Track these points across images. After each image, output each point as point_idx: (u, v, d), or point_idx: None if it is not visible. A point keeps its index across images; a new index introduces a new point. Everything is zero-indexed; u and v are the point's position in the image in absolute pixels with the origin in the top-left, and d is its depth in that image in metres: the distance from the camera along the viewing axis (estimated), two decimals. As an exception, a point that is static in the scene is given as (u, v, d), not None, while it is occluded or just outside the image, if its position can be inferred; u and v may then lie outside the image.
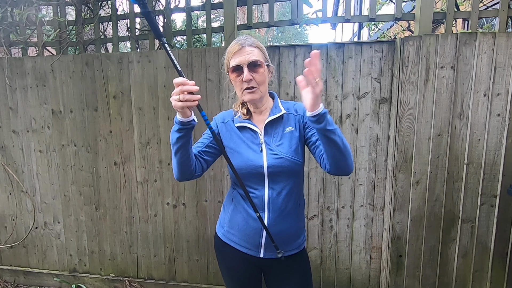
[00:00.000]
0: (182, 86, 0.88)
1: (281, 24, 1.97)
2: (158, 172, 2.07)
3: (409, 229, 1.80)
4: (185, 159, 1.03)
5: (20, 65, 2.11)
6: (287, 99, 1.86)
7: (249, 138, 1.12)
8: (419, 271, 1.84)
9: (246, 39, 1.07)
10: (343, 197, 1.91)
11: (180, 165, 1.04)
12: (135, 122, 2.04)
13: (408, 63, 1.67)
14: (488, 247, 1.76)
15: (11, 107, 2.17)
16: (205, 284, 2.15)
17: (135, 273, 2.24)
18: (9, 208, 2.31)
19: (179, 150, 1.01)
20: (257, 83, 1.06)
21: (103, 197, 2.17)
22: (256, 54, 1.05)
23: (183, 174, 1.07)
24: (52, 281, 2.34)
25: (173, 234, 2.13)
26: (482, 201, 1.73)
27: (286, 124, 1.12)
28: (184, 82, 0.88)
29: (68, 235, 2.28)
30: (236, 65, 1.05)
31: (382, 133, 1.82)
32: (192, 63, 1.92)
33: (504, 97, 1.63)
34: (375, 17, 1.79)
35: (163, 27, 2.09)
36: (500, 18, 1.66)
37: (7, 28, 2.12)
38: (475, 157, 1.70)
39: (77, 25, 2.09)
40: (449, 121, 1.69)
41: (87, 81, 2.05)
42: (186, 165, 1.05)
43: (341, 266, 1.99)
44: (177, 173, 1.07)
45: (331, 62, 1.80)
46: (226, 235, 1.19)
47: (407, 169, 1.75)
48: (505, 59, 1.61)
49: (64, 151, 2.16)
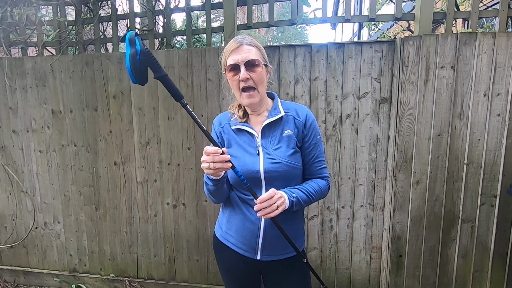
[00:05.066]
0: (214, 156, 0.91)
1: (281, 24, 1.97)
2: (158, 172, 2.07)
3: (409, 229, 1.80)
4: (223, 191, 1.10)
5: (20, 65, 2.11)
6: (287, 99, 1.86)
7: (245, 141, 1.10)
8: (419, 271, 1.84)
9: (244, 38, 1.05)
10: (343, 197, 1.90)
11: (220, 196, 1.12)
12: (135, 122, 2.04)
13: (408, 63, 1.67)
14: (488, 247, 1.76)
15: (11, 107, 2.17)
16: (205, 284, 2.15)
17: (135, 273, 2.24)
18: (9, 208, 2.31)
19: (218, 190, 1.08)
20: (255, 83, 1.03)
21: (103, 197, 2.17)
22: (254, 53, 1.03)
23: (222, 200, 1.16)
24: (52, 281, 2.34)
25: (173, 234, 2.13)
26: (482, 201, 1.73)
27: (285, 126, 1.09)
28: (215, 152, 0.91)
29: (68, 235, 2.28)
30: (233, 63, 1.03)
31: (382, 133, 1.82)
32: (192, 63, 1.92)
33: (504, 97, 1.63)
34: (375, 17, 1.79)
35: (163, 27, 2.09)
36: (500, 18, 1.66)
37: (7, 28, 2.12)
38: (475, 157, 1.70)
39: (77, 25, 2.09)
40: (449, 121, 1.69)
41: (87, 81, 2.05)
42: (224, 195, 1.13)
43: (341, 266, 1.99)
44: (216, 202, 1.16)
45: (331, 62, 1.80)
46: (224, 236, 1.18)
47: (407, 169, 1.75)
48: (505, 59, 1.61)
49: (64, 151, 2.16)
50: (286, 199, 1.00)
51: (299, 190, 1.06)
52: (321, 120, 1.84)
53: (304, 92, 1.84)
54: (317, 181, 1.12)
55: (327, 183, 1.15)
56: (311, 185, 1.09)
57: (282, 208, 0.97)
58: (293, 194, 1.03)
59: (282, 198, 0.98)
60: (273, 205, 0.95)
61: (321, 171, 1.14)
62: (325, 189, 1.13)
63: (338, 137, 1.85)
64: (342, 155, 1.86)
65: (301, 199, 1.04)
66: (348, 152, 1.86)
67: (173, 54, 1.93)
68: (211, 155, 0.91)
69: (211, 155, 0.91)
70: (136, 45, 0.83)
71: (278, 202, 0.96)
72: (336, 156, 1.87)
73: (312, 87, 1.83)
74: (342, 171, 1.88)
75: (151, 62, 0.86)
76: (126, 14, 2.08)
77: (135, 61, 0.83)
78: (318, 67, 1.81)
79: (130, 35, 0.83)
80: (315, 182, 1.12)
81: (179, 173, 2.04)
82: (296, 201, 1.02)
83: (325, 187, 1.14)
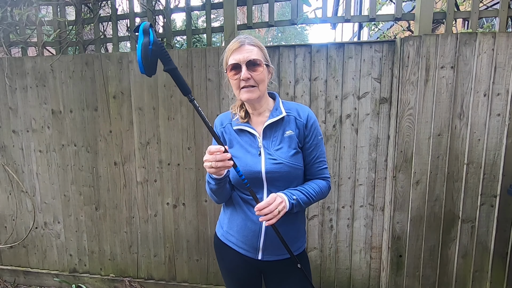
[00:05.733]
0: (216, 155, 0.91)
1: (281, 24, 1.97)
2: (158, 172, 2.07)
3: (409, 229, 1.80)
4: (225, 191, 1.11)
5: (20, 65, 2.11)
6: (287, 99, 1.86)
7: (247, 141, 1.10)
8: (419, 271, 1.84)
9: (246, 38, 1.05)
10: (343, 197, 1.91)
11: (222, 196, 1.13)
12: (135, 122, 2.04)
13: (408, 63, 1.67)
14: (488, 247, 1.76)
15: (11, 107, 2.17)
16: (205, 284, 2.15)
17: (135, 273, 2.24)
18: (9, 208, 2.31)
19: (220, 189, 1.08)
20: (256, 82, 1.03)
21: (103, 197, 2.17)
22: (255, 53, 1.03)
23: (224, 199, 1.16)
24: (52, 281, 2.34)
25: (173, 234, 2.13)
26: (482, 201, 1.73)
27: (287, 127, 1.09)
28: (218, 150, 0.91)
29: (68, 235, 2.28)
30: (234, 63, 1.03)
31: (382, 133, 1.82)
32: (192, 63, 1.92)
33: (504, 97, 1.63)
34: (375, 17, 1.79)
35: (163, 27, 2.09)
36: (500, 18, 1.66)
37: (7, 28, 2.12)
38: (475, 157, 1.70)
39: (77, 25, 2.09)
40: (449, 121, 1.69)
41: (87, 81, 2.05)
42: (226, 194, 1.13)
43: (341, 266, 1.99)
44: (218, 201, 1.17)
45: (331, 62, 1.80)
46: (225, 235, 1.18)
47: (407, 169, 1.75)
48: (505, 59, 1.61)
49: (64, 151, 2.16)
50: (286, 201, 1.00)
51: (299, 191, 1.06)
52: (321, 120, 1.84)
53: (304, 92, 1.84)
54: (317, 182, 1.12)
55: (327, 183, 1.15)
56: (311, 186, 1.09)
57: (283, 212, 0.98)
58: (293, 196, 1.03)
59: (283, 203, 0.98)
60: (275, 210, 0.96)
61: (322, 171, 1.14)
62: (325, 190, 1.14)
63: (338, 137, 1.85)
64: (342, 155, 1.86)
65: (301, 201, 1.04)
66: (348, 152, 1.86)
67: (173, 54, 1.93)
68: (214, 154, 0.91)
69: (214, 154, 0.91)
70: (150, 35, 0.82)
71: (279, 207, 0.97)
72: (336, 156, 1.87)
73: (312, 87, 1.83)
74: (342, 171, 1.88)
75: (162, 54, 0.86)
76: (126, 14, 2.08)
77: (147, 50, 0.83)
78: (318, 67, 1.81)
79: (144, 25, 0.83)
80: (316, 183, 1.12)
81: (179, 173, 2.04)
82: (296, 203, 1.03)
83: (326, 188, 1.14)
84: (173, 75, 0.89)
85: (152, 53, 0.83)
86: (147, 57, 0.83)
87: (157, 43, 0.83)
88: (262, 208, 0.95)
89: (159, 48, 0.84)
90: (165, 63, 0.88)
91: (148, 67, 0.85)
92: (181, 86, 0.91)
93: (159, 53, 0.85)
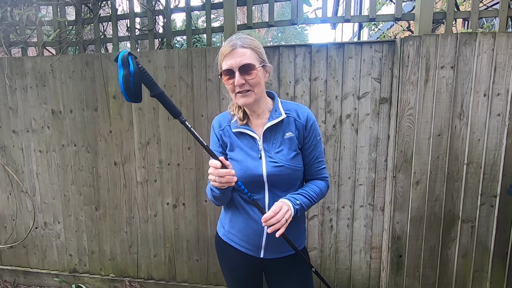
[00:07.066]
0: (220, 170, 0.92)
1: (281, 24, 1.97)
2: (158, 172, 2.07)
3: (409, 229, 1.80)
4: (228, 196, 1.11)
5: (20, 65, 2.11)
6: (287, 99, 1.86)
7: (247, 144, 1.09)
8: (419, 271, 1.84)
9: (238, 39, 1.01)
10: (343, 197, 1.91)
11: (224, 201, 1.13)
12: (135, 122, 2.04)
13: (408, 63, 1.67)
14: (488, 247, 1.76)
15: (11, 107, 2.17)
16: (205, 284, 2.15)
17: (135, 273, 2.24)
18: (9, 208, 2.31)
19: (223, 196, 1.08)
20: (251, 86, 1.01)
21: (103, 197, 2.17)
22: (248, 56, 0.99)
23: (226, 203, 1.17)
24: (52, 281, 2.34)
25: (173, 234, 2.13)
26: (482, 201, 1.73)
27: (286, 128, 1.08)
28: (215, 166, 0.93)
29: (68, 235, 2.28)
30: (227, 68, 1.01)
31: (382, 133, 1.82)
32: (192, 63, 1.92)
33: (504, 97, 1.63)
34: (375, 17, 1.79)
35: (163, 27, 2.09)
36: (500, 18, 1.66)
37: (7, 28, 2.12)
38: (475, 157, 1.70)
39: (77, 25, 2.09)
40: (449, 121, 1.69)
41: (87, 81, 2.05)
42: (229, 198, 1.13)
43: (341, 266, 1.99)
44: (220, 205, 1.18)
45: (331, 62, 1.80)
46: (226, 235, 1.18)
47: (407, 169, 1.75)
48: (505, 59, 1.61)
49: (64, 151, 2.16)
50: (291, 208, 1.00)
51: (301, 195, 1.06)
52: (321, 120, 1.84)
53: (304, 92, 1.84)
54: (317, 183, 1.13)
55: (326, 184, 1.16)
56: (312, 188, 1.10)
57: (290, 220, 0.99)
58: (297, 201, 1.03)
59: (289, 211, 0.98)
60: (282, 219, 0.96)
61: (321, 171, 1.15)
62: (325, 190, 1.15)
63: (338, 137, 1.85)
64: (342, 155, 1.86)
65: (304, 204, 1.05)
66: (348, 152, 1.86)
67: (173, 54, 1.93)
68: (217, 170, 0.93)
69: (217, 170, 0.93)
70: (129, 66, 0.82)
71: (286, 215, 0.97)
72: (336, 156, 1.87)
73: (312, 87, 1.83)
74: (342, 171, 1.88)
75: (146, 81, 0.86)
76: (126, 14, 2.08)
77: (128, 82, 0.83)
78: (318, 67, 1.81)
79: (122, 56, 0.82)
80: (315, 184, 1.12)
81: (179, 173, 2.04)
82: (300, 207, 1.03)
83: (325, 188, 1.15)
84: (160, 99, 0.89)
85: (135, 83, 0.84)
86: (130, 88, 0.84)
87: (138, 72, 0.83)
88: (269, 219, 0.95)
89: (142, 76, 0.84)
90: (151, 89, 0.88)
91: (134, 96, 0.86)
92: (170, 109, 0.92)
93: (143, 80, 0.85)
